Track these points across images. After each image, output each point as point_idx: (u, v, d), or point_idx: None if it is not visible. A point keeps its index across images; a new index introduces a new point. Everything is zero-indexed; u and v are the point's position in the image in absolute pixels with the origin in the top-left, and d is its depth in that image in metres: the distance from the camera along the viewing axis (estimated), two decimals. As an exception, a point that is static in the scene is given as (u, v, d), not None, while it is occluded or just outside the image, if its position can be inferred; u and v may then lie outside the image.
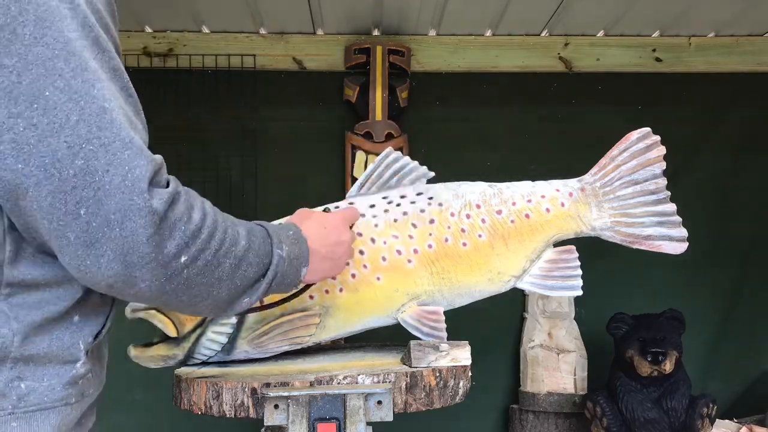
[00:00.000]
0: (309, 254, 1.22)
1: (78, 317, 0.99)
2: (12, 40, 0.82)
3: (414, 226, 1.57)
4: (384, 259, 1.55)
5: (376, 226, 1.57)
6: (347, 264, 1.44)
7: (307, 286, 1.44)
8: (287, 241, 1.16)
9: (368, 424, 1.29)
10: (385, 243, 1.56)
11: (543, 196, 1.63)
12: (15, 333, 0.91)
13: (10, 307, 0.92)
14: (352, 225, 1.46)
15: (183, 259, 0.92)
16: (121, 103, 0.90)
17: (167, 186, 0.93)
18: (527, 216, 1.60)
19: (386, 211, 1.59)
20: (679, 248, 1.60)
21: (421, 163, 1.68)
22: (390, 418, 1.32)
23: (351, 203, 1.62)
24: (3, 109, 0.82)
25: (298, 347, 1.58)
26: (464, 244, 1.57)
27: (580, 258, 1.59)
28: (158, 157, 0.92)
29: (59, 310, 0.95)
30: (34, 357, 0.93)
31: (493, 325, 3.20)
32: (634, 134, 1.63)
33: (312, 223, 1.30)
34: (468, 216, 1.59)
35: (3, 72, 0.81)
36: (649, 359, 2.72)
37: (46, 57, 0.83)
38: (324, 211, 1.45)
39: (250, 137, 3.14)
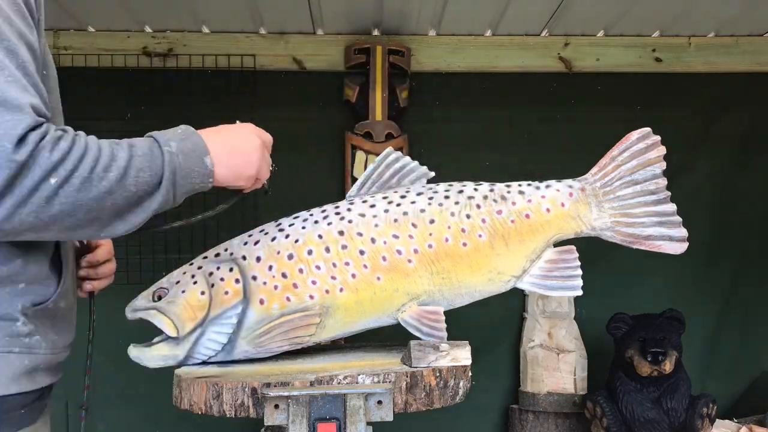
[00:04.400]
0: (206, 145, 1.21)
1: (24, 285, 1.12)
2: None
3: (414, 226, 1.57)
4: (384, 259, 1.55)
5: (376, 226, 1.57)
6: (269, 169, 1.39)
7: (240, 192, 1.41)
8: (175, 138, 1.18)
9: (368, 424, 1.29)
10: (385, 243, 1.56)
11: (543, 197, 1.63)
12: None
13: None
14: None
15: (53, 180, 0.99)
16: (7, 64, 0.99)
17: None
18: (527, 216, 1.61)
19: (386, 211, 1.59)
20: (680, 248, 1.60)
21: (421, 163, 1.69)
22: (390, 418, 1.32)
23: (351, 203, 1.62)
24: None
25: (299, 347, 1.58)
26: (464, 244, 1.57)
27: (580, 258, 1.59)
28: (41, 118, 1.00)
29: (1, 275, 1.09)
30: None
31: (493, 325, 3.20)
32: (635, 134, 1.63)
33: (210, 129, 1.29)
34: (468, 216, 1.59)
35: None
36: (649, 359, 2.72)
37: None
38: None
39: (249, 137, 3.14)
